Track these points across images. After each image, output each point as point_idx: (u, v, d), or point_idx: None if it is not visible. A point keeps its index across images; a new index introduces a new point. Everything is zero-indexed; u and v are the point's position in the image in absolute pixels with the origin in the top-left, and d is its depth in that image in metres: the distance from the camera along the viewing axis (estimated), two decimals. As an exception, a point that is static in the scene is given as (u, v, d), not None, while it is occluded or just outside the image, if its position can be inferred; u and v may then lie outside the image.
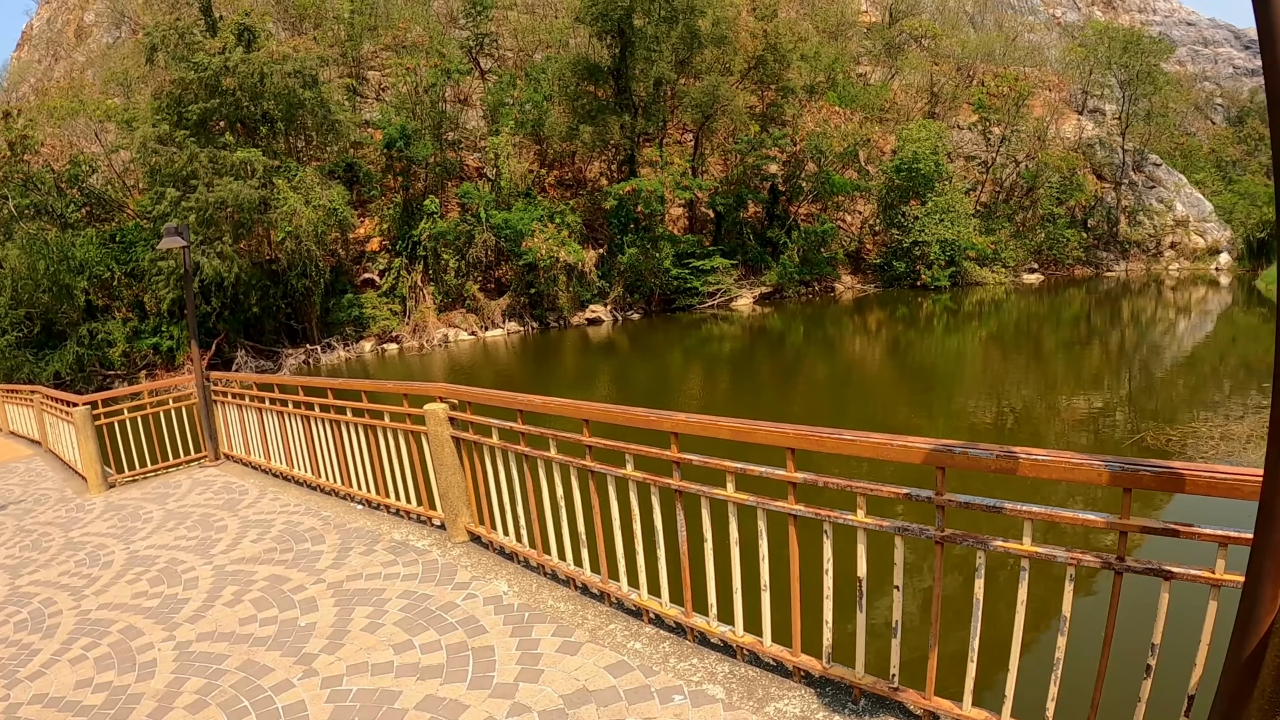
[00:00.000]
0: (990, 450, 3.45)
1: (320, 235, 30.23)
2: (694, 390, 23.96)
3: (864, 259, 48.08)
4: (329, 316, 32.15)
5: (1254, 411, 17.57)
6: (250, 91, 29.83)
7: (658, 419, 4.87)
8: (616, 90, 38.08)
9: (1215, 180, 61.80)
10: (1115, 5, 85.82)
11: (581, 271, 35.88)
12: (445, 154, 36.08)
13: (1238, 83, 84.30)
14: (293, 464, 10.26)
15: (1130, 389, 21.60)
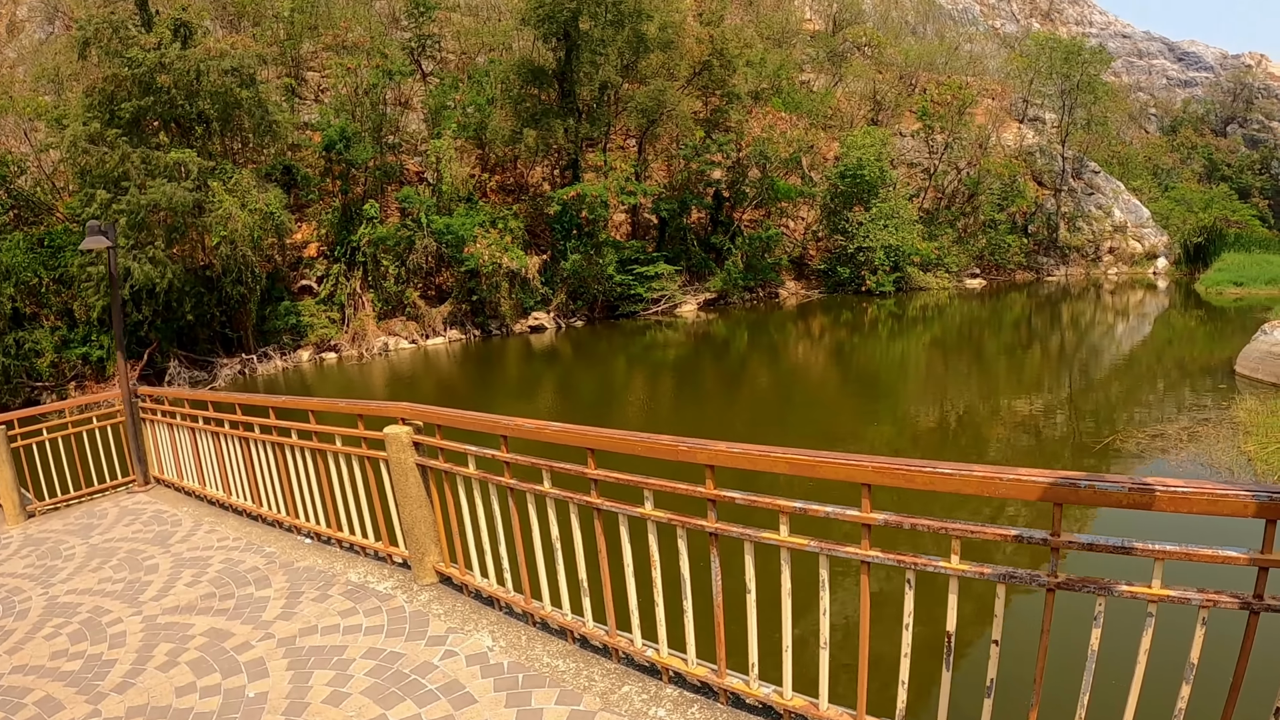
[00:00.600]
0: (1120, 482, 3.02)
1: (256, 240, 29.34)
2: (638, 399, 23.69)
3: (808, 265, 48.18)
4: (265, 325, 31.22)
5: (1216, 408, 17.98)
6: (186, 89, 28.86)
7: (689, 450, 4.22)
8: (561, 93, 37.66)
9: (1152, 187, 63.67)
10: (1053, 17, 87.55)
11: (525, 278, 35.39)
12: (385, 157, 35.23)
13: (1171, 93, 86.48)
14: (230, 491, 9.30)
15: (1076, 390, 21.93)
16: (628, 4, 35.46)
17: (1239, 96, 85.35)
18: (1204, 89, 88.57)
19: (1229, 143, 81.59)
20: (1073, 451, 15.71)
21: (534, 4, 35.01)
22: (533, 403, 23.18)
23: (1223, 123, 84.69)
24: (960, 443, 17.07)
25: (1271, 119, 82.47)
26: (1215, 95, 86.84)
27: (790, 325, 37.21)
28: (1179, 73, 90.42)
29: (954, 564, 3.42)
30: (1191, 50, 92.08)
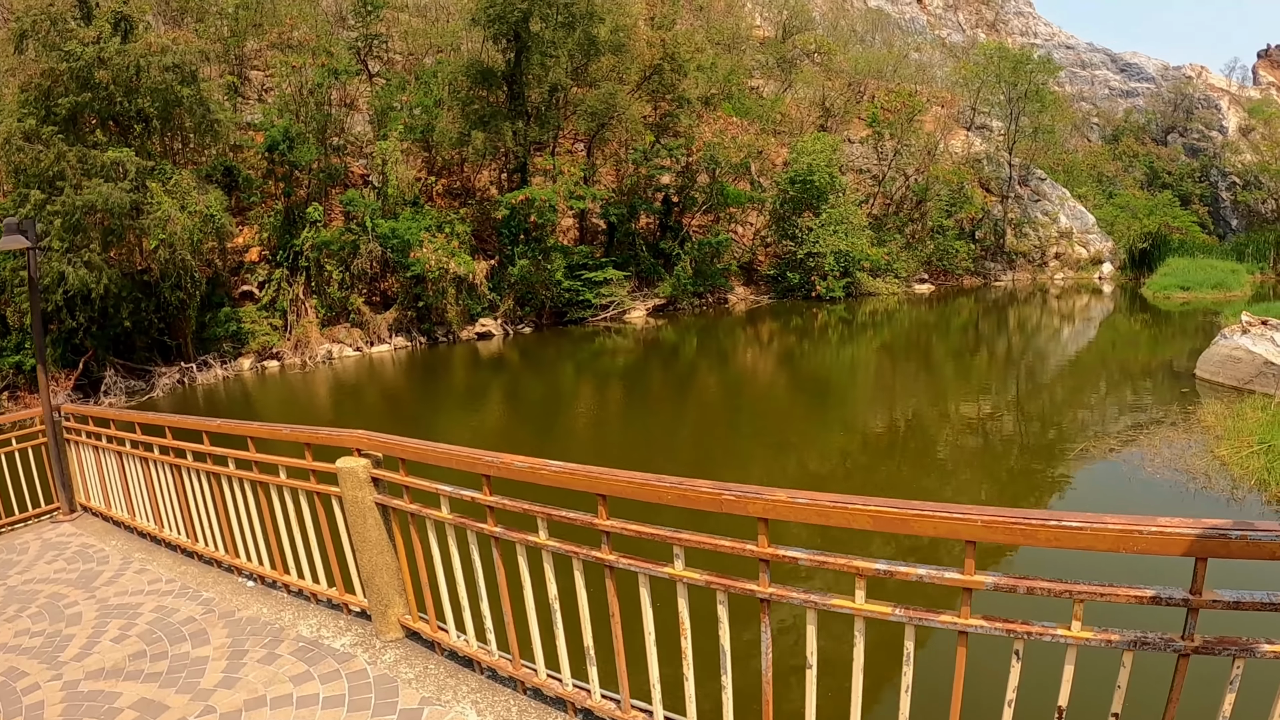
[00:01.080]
0: (1275, 530, 2.57)
1: (196, 243, 28.33)
2: (588, 408, 23.37)
3: (756, 270, 48.10)
4: (205, 332, 30.23)
5: (1182, 413, 18.32)
6: (125, 86, 27.79)
7: (738, 500, 3.53)
8: (510, 96, 37.11)
9: (1096, 194, 65.19)
10: (999, 28, 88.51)
11: (472, 284, 34.78)
12: (330, 159, 34.38)
13: (1113, 103, 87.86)
14: (163, 524, 8.36)
15: (1044, 396, 21.91)
16: (579, 6, 35.00)
17: (1179, 107, 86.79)
18: (1145, 99, 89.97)
19: (1169, 151, 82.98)
20: (1046, 460, 15.69)
21: (485, 4, 34.42)
22: (481, 414, 22.77)
23: (1163, 132, 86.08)
24: (934, 454, 16.94)
25: (1211, 129, 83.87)
26: (1156, 105, 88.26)
27: (740, 331, 37.18)
28: (1121, 83, 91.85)
29: (1076, 631, 2.95)
30: (1134, 62, 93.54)
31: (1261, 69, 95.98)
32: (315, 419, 22.78)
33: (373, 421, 22.13)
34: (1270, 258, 58.19)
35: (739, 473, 15.50)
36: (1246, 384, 19.39)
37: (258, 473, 6.64)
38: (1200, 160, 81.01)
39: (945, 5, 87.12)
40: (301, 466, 6.09)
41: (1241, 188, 78.80)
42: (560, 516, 4.27)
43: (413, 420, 21.89)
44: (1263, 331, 20.26)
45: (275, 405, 25.17)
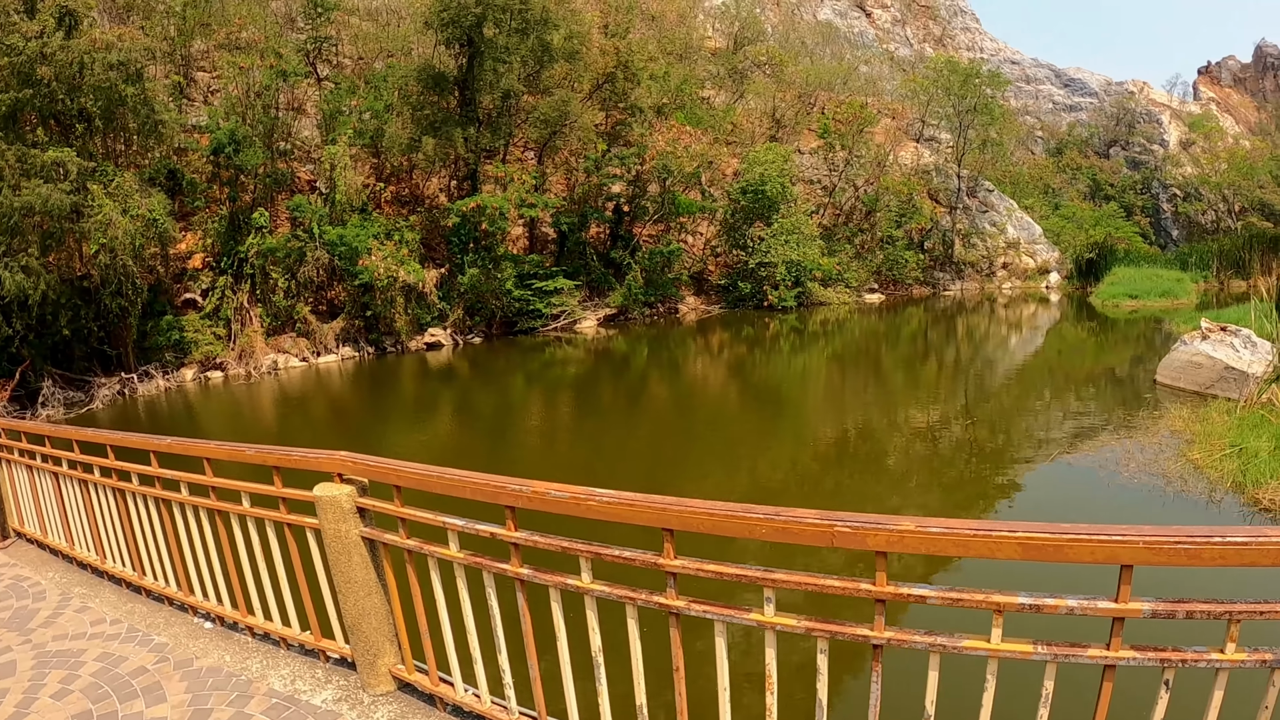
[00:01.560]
0: None
1: (138, 248, 27.45)
2: (538, 420, 22.95)
3: (707, 280, 48.05)
4: (146, 341, 29.28)
5: (1149, 418, 18.48)
6: (68, 83, 26.79)
7: (854, 530, 3.02)
8: (462, 101, 36.61)
9: (1043, 205, 66.63)
10: (945, 43, 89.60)
11: (422, 292, 34.22)
12: (276, 164, 33.62)
13: (1057, 117, 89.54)
14: (105, 554, 7.38)
15: (1009, 403, 21.92)
16: (534, 12, 34.62)
17: (1122, 121, 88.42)
18: (1088, 114, 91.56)
19: (1112, 164, 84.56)
20: (1025, 467, 15.72)
21: (438, 7, 33.91)
22: (431, 427, 22.26)
23: (1106, 145, 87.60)
24: (906, 463, 16.74)
25: (1152, 142, 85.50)
26: (1099, 120, 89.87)
27: (692, 341, 37.00)
28: (1065, 98, 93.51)
29: (1231, 654, 2.68)
30: (1077, 77, 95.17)
31: (1202, 85, 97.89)
32: (262, 433, 22.17)
33: (321, 435, 21.62)
34: (1213, 267, 59.45)
35: (694, 484, 15.45)
36: (1208, 389, 19.87)
37: (215, 499, 5.81)
38: (1142, 173, 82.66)
39: (893, 20, 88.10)
40: (269, 493, 5.27)
41: (1182, 199, 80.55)
42: (613, 556, 3.60)
43: (362, 434, 21.34)
44: (1222, 338, 20.73)
45: (220, 418, 24.44)
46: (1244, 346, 20.25)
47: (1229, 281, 57.80)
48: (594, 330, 39.28)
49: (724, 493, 14.51)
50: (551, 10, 35.72)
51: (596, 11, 44.42)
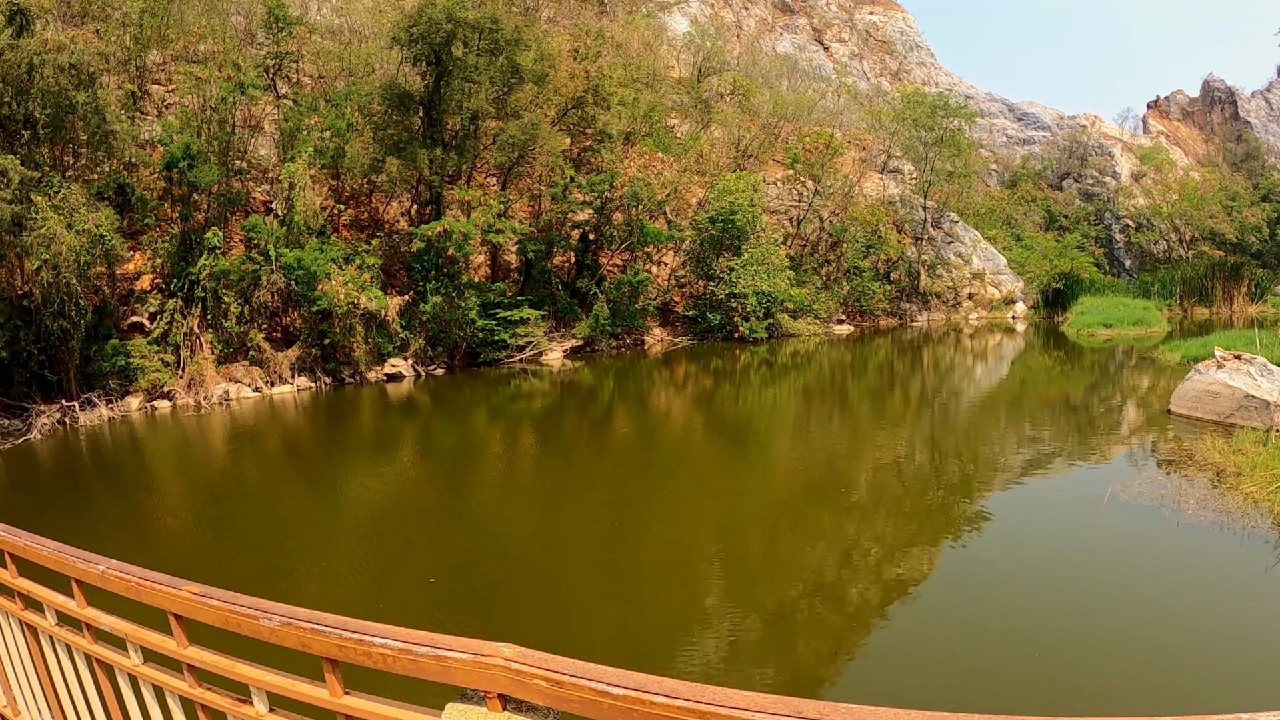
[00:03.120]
0: None
1: (83, 267, 25.59)
2: (502, 457, 21.52)
3: (672, 311, 46.92)
4: (90, 366, 27.23)
5: (1180, 449, 17.91)
6: (15, 86, 24.91)
7: None
8: (427, 122, 35.16)
9: (1006, 236, 67.32)
10: (901, 77, 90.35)
11: (383, 321, 32.58)
12: (231, 182, 31.87)
13: (1010, 150, 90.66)
14: None
15: (1036, 434, 20.82)
16: (505, 32, 33.37)
17: (1074, 153, 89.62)
18: (1042, 146, 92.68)
19: (1065, 195, 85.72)
20: (1091, 509, 14.72)
21: (407, 23, 32.52)
22: (389, 464, 20.67)
23: (1059, 178, 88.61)
24: (928, 501, 15.71)
25: (1105, 174, 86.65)
26: (1052, 152, 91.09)
27: (662, 374, 35.91)
28: (1018, 131, 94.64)
29: None
30: (1030, 111, 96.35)
31: (1151, 118, 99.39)
32: (210, 467, 20.57)
33: (276, 476, 20.08)
34: (1176, 294, 60.33)
35: (663, 526, 14.87)
36: (1227, 418, 19.68)
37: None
38: (1095, 204, 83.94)
39: (851, 54, 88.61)
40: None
41: (1135, 229, 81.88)
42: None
43: (314, 472, 19.91)
44: (1239, 366, 20.59)
45: (166, 455, 22.65)
46: (1261, 374, 20.18)
47: (1192, 309, 58.87)
48: (560, 362, 37.84)
49: (695, 533, 14.20)
50: (523, 31, 34.46)
51: (566, 35, 43.32)
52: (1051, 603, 10.65)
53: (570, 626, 10.53)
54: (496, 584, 12.02)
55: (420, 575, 12.50)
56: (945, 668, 9.14)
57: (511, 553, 13.35)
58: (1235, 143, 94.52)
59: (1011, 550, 13.17)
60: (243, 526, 15.33)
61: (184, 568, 12.97)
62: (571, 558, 13.27)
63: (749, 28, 79.07)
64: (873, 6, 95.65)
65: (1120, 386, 30.35)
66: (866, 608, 11.00)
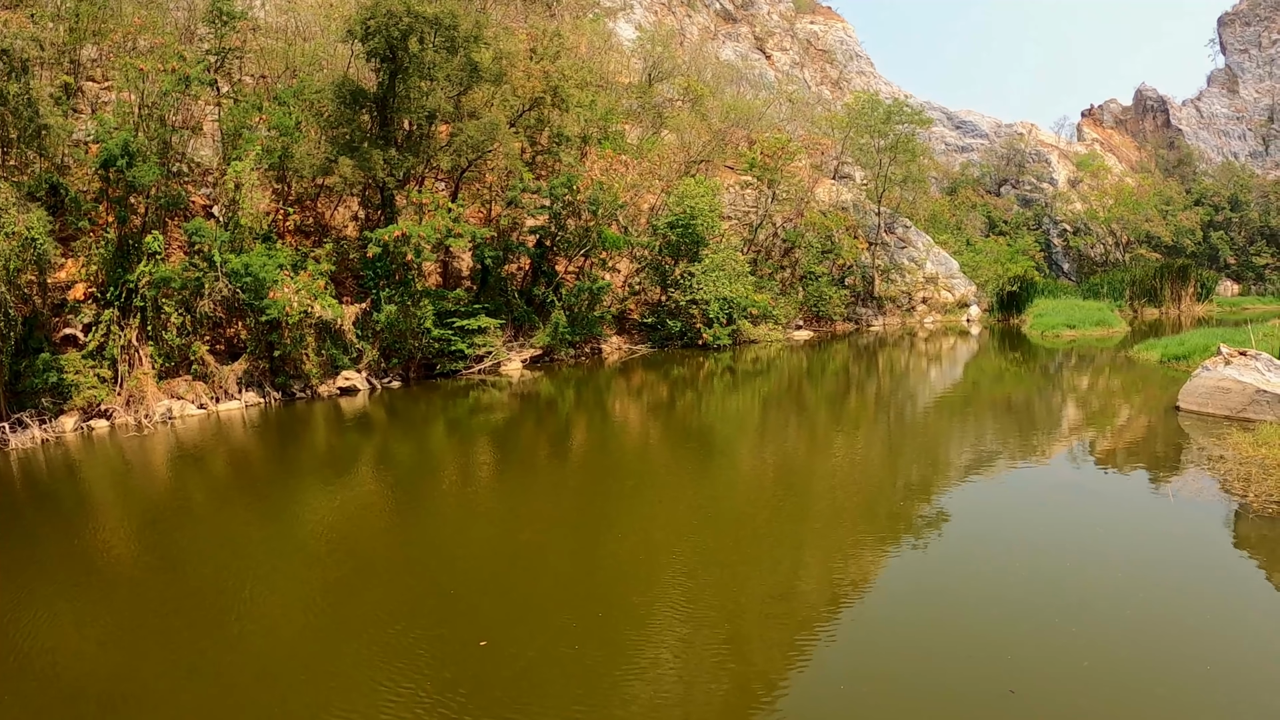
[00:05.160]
0: None
1: (12, 273, 23.37)
2: (461, 475, 19.96)
3: (628, 318, 45.56)
4: (20, 383, 24.74)
5: (1210, 446, 17.75)
6: None
7: None
8: (381, 121, 33.31)
9: (957, 241, 68.07)
10: (842, 86, 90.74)
11: (337, 331, 30.61)
12: (170, 184, 29.63)
13: (949, 158, 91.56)
14: None
15: (1070, 432, 19.97)
16: (463, 28, 31.66)
17: (1012, 160, 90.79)
18: (980, 154, 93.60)
19: (1004, 201, 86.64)
20: (1161, 507, 14.91)
21: (363, 15, 30.68)
22: (343, 485, 18.96)
23: (997, 184, 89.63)
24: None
25: (1042, 180, 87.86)
26: (990, 160, 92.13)
27: (627, 383, 34.65)
28: (957, 139, 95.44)
29: None
30: (968, 119, 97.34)
31: (1086, 126, 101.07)
32: (151, 497, 18.65)
33: (222, 504, 18.10)
34: (1126, 295, 61.30)
35: (636, 536, 14.41)
36: (1239, 413, 20.32)
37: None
38: (1033, 209, 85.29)
39: (792, 63, 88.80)
40: None
41: (1073, 234, 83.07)
42: None
43: (266, 500, 18.13)
44: (1246, 362, 21.19)
45: (104, 482, 20.52)
46: (1269, 369, 20.75)
47: (1142, 309, 60.06)
48: (519, 372, 36.23)
49: (666, 543, 13.77)
50: (482, 28, 32.89)
51: (522, 35, 41.76)
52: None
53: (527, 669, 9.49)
54: (452, 621, 10.88)
55: (378, 613, 11.12)
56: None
57: (464, 595, 11.91)
58: (1168, 149, 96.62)
59: (1139, 553, 12.78)
60: (188, 563, 13.71)
61: (119, 615, 11.61)
62: (535, 587, 12.11)
63: (692, 35, 78.47)
64: (813, 16, 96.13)
65: (1116, 386, 30.43)
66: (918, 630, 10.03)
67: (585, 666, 9.41)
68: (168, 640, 10.51)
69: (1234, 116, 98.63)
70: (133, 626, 11.05)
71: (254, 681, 9.45)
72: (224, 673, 9.61)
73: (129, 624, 11.16)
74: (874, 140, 57.57)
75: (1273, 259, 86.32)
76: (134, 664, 9.99)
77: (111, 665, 9.98)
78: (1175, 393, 23.29)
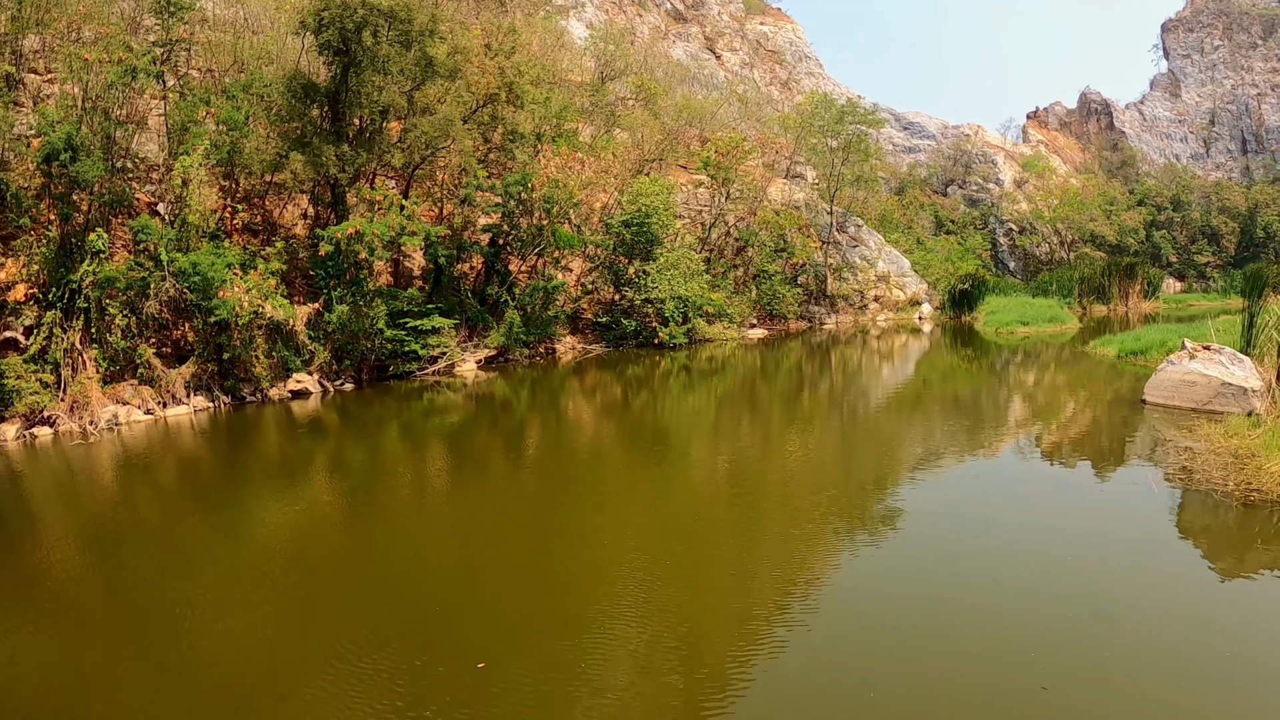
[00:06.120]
0: None
1: (-50, 274, 22.45)
2: (412, 479, 19.46)
3: (581, 318, 45.16)
4: None
5: (1181, 439, 17.64)
6: None
7: None
8: (333, 116, 32.53)
9: (908, 240, 69.14)
10: (791, 87, 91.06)
11: (288, 332, 29.82)
12: (115, 180, 28.62)
13: (897, 158, 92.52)
14: None
15: (1056, 426, 19.84)
16: (419, 22, 31.00)
17: (959, 161, 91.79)
18: (927, 155, 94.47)
19: (951, 201, 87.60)
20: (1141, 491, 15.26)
21: (317, 6, 29.91)
22: (296, 494, 18.38)
23: (944, 184, 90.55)
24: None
25: (988, 181, 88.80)
26: (938, 160, 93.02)
27: (583, 383, 34.34)
28: (905, 140, 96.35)
29: None
30: (916, 120, 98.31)
31: (1031, 128, 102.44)
32: (96, 509, 17.91)
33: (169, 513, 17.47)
34: (1075, 293, 62.91)
35: (595, 540, 14.13)
36: (1205, 405, 20.99)
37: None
38: (980, 209, 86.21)
39: (742, 63, 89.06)
40: None
41: (1018, 233, 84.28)
42: None
43: (214, 507, 17.51)
44: (1210, 356, 21.83)
45: (48, 494, 19.65)
46: (1232, 363, 21.34)
47: (1091, 306, 61.35)
48: (474, 373, 35.68)
49: (623, 548, 13.52)
50: (438, 22, 32.28)
51: (478, 31, 41.12)
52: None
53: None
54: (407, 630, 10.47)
55: (336, 635, 10.45)
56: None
57: (424, 611, 11.49)
58: (1111, 151, 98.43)
59: (1134, 538, 13.13)
60: (135, 582, 13.00)
61: (57, 640, 10.77)
62: (491, 599, 11.71)
63: (643, 35, 78.24)
64: (763, 17, 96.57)
65: (1080, 381, 30.81)
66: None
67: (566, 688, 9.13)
68: (112, 673, 9.79)
69: (1176, 120, 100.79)
70: (71, 660, 10.18)
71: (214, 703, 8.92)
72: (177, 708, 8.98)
73: (62, 658, 10.31)
74: (826, 140, 57.91)
75: (1214, 257, 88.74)
76: (70, 700, 9.23)
77: (49, 705, 9.18)
78: (1140, 387, 23.97)
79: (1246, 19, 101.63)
